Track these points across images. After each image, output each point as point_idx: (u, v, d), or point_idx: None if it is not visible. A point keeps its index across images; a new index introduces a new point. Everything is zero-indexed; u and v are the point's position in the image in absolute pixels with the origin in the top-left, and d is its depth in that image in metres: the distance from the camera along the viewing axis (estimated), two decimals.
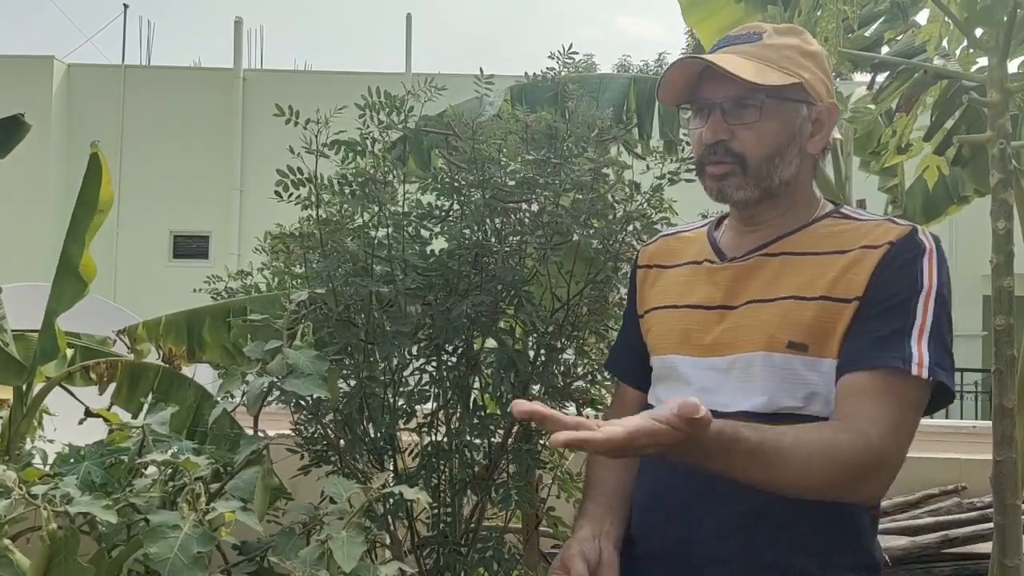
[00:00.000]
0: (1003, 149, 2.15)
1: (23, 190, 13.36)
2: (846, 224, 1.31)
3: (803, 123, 1.31)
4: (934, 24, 2.39)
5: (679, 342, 1.35)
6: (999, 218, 2.15)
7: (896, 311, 1.20)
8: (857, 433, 1.14)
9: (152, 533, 1.47)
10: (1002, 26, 2.18)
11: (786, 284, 1.26)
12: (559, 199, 2.10)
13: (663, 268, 1.46)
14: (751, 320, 1.27)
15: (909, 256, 1.22)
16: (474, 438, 2.15)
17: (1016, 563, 2.14)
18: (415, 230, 2.17)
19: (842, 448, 1.13)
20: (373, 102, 2.13)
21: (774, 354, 1.23)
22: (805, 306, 1.23)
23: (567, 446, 0.96)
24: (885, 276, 1.21)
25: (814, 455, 1.12)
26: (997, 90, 2.19)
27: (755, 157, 1.29)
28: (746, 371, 1.26)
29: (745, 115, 1.28)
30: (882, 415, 1.16)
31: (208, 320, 2.67)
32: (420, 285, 2.09)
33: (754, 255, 1.33)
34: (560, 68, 2.36)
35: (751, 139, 1.29)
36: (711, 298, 1.33)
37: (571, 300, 2.14)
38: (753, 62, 1.27)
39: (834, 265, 1.25)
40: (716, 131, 1.29)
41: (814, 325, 1.22)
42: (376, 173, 2.12)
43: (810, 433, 1.14)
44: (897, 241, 1.23)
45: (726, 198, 1.33)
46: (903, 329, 1.19)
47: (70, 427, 2.52)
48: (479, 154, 2.05)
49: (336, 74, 14.24)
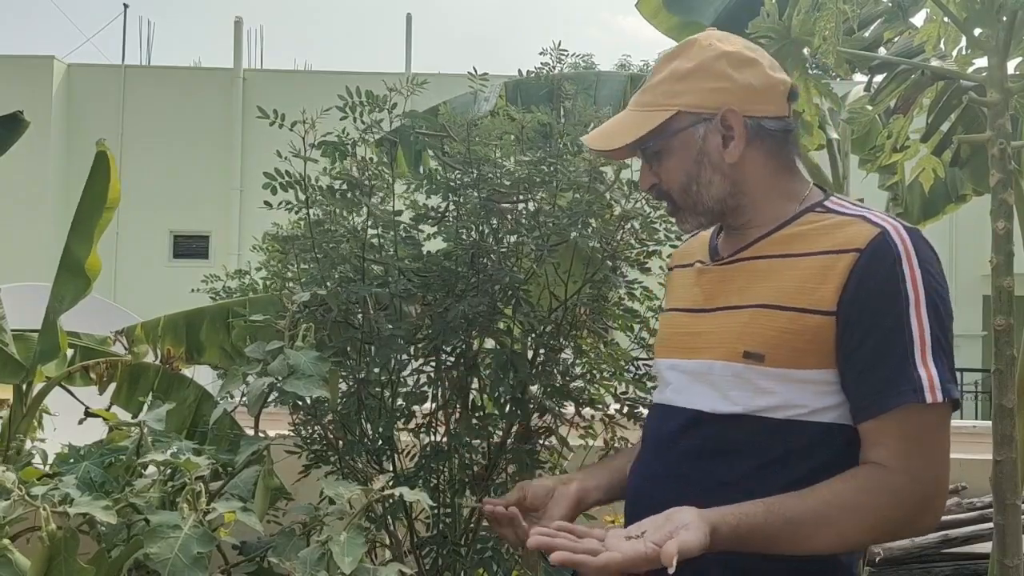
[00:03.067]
0: (1003, 149, 2.15)
1: (23, 190, 13.38)
2: (824, 220, 1.27)
3: (703, 142, 1.30)
4: (932, 24, 2.39)
5: (665, 345, 1.39)
6: (999, 218, 2.15)
7: (890, 335, 1.16)
8: (893, 479, 1.14)
9: (152, 533, 1.47)
10: (1002, 26, 2.18)
11: (757, 291, 1.25)
12: (556, 199, 2.10)
13: (677, 268, 1.49)
14: (719, 327, 1.28)
15: (885, 266, 1.17)
16: (473, 439, 2.15)
17: (1016, 563, 2.14)
18: (406, 231, 2.16)
19: (882, 501, 1.13)
20: (354, 102, 2.12)
21: (731, 363, 1.23)
22: (770, 315, 1.22)
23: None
24: (863, 293, 1.17)
25: (854, 515, 1.12)
26: (996, 90, 2.19)
27: (676, 192, 1.34)
28: (707, 377, 1.26)
29: (659, 159, 1.33)
30: (910, 452, 1.15)
31: (207, 321, 2.67)
32: (417, 286, 2.08)
33: (737, 257, 1.32)
34: (553, 63, 2.36)
35: (666, 177, 1.34)
36: (696, 301, 1.35)
37: (569, 300, 2.14)
38: (634, 115, 1.33)
39: (801, 269, 1.22)
40: (644, 179, 1.37)
41: (775, 335, 1.20)
42: (362, 175, 2.11)
43: (842, 494, 1.14)
44: (866, 248, 1.18)
45: (686, 230, 1.41)
46: (904, 354, 1.15)
47: (70, 427, 2.52)
48: (474, 154, 2.05)
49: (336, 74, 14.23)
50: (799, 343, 1.19)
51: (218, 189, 14.45)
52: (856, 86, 3.66)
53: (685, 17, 3.44)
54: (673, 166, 1.32)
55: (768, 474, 1.20)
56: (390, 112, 2.14)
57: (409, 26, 15.87)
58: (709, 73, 1.30)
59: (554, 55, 2.34)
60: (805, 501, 1.13)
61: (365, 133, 2.14)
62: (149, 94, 14.58)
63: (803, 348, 1.19)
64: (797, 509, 1.13)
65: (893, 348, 1.16)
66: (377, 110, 2.13)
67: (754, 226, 1.31)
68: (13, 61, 14.18)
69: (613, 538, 1.05)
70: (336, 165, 2.15)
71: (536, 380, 2.16)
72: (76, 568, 1.54)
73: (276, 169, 2.12)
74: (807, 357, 1.19)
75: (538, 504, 1.39)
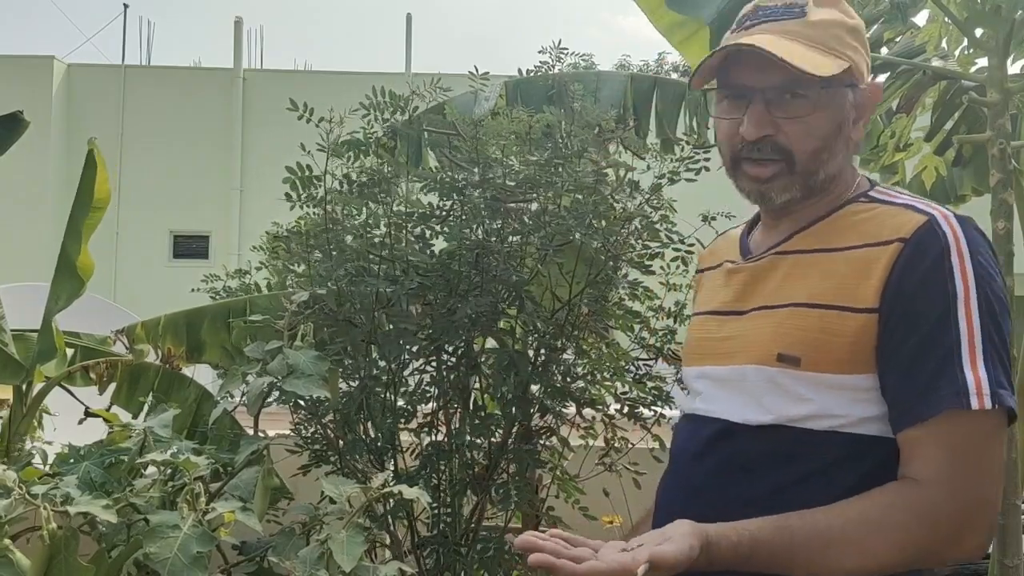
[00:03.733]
0: (1003, 149, 2.15)
1: (23, 190, 13.38)
2: (868, 211, 1.15)
3: (849, 110, 1.15)
4: (934, 25, 2.39)
5: (693, 352, 1.28)
6: (999, 218, 2.15)
7: (933, 333, 1.03)
8: (928, 495, 1.02)
9: (152, 533, 1.47)
10: (1002, 26, 2.18)
11: (793, 288, 1.14)
12: (560, 199, 2.09)
13: (704, 271, 1.38)
14: (752, 329, 1.17)
15: (932, 258, 1.05)
16: (474, 438, 2.15)
17: (1016, 563, 2.14)
18: (420, 231, 2.17)
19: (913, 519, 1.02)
20: (377, 102, 2.13)
21: (765, 367, 1.13)
22: (807, 315, 1.11)
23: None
24: (906, 287, 1.05)
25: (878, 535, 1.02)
26: (997, 90, 2.19)
27: (803, 153, 1.14)
28: (740, 384, 1.16)
29: (793, 107, 1.13)
30: (951, 465, 1.02)
31: (207, 321, 2.67)
32: (423, 285, 2.09)
33: (769, 254, 1.20)
34: (552, 62, 2.36)
35: (799, 133, 1.13)
36: (726, 303, 1.23)
37: (572, 300, 2.14)
38: (800, 44, 1.11)
39: (841, 264, 1.11)
40: (761, 125, 1.13)
41: (813, 336, 1.10)
42: (383, 171, 2.13)
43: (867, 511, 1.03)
44: (911, 238, 1.06)
45: (768, 201, 1.18)
46: (949, 354, 1.02)
47: (70, 427, 2.52)
48: (481, 154, 2.05)
49: (336, 74, 14.25)
50: (838, 345, 1.08)
51: (218, 189, 14.44)
52: None
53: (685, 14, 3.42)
54: (816, 124, 1.13)
55: (804, 489, 1.10)
56: (410, 112, 2.15)
57: (409, 26, 15.87)
58: (865, 41, 1.17)
59: (554, 54, 2.34)
60: (823, 518, 1.03)
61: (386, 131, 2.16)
62: (149, 94, 14.58)
63: (842, 350, 1.08)
64: (812, 526, 1.03)
65: (936, 348, 1.04)
66: (400, 112, 2.14)
67: (796, 218, 1.19)
68: (13, 61, 14.18)
69: (608, 549, 0.98)
70: (357, 162, 2.16)
71: (537, 380, 2.16)
72: (76, 567, 1.54)
73: (298, 163, 2.12)
74: (846, 360, 1.08)
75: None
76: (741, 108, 1.15)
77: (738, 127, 1.15)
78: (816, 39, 1.13)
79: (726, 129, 1.18)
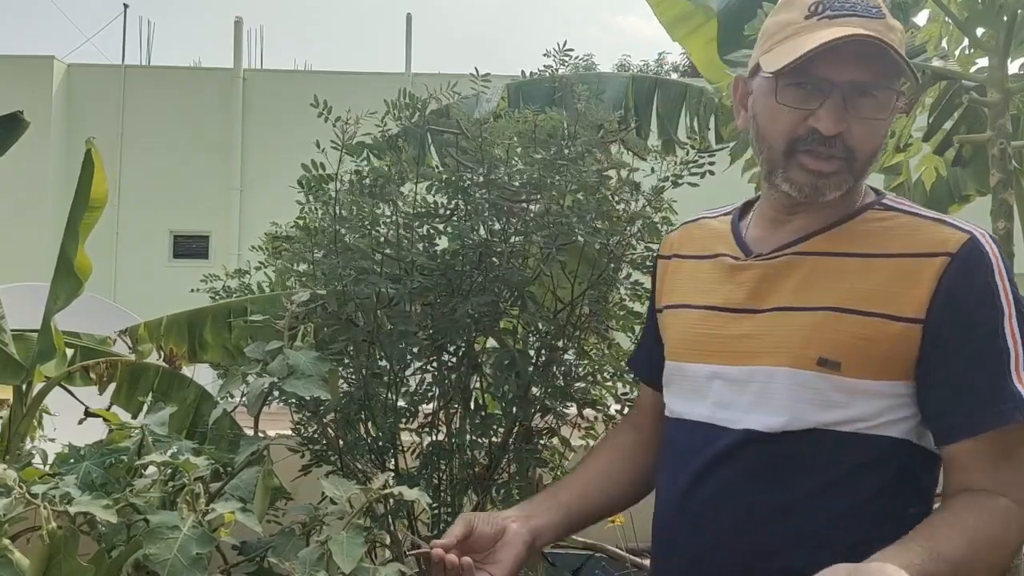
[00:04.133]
0: (1003, 149, 2.15)
1: (23, 190, 13.38)
2: (890, 219, 1.16)
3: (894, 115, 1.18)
4: (934, 25, 2.39)
5: (695, 348, 1.24)
6: (999, 218, 2.15)
7: (987, 348, 1.06)
8: (1012, 509, 1.05)
9: (151, 534, 1.47)
10: (1002, 26, 2.18)
11: (822, 291, 1.13)
12: (563, 199, 2.09)
13: (683, 258, 1.33)
14: (778, 329, 1.14)
15: (981, 274, 1.08)
16: (475, 438, 2.15)
17: (1016, 563, 2.14)
18: (426, 230, 2.16)
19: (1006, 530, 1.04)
20: (398, 102, 2.13)
21: (801, 371, 1.11)
22: (844, 319, 1.10)
23: None
24: (959, 302, 1.07)
25: (994, 550, 1.03)
26: (997, 90, 2.19)
27: (864, 154, 1.14)
28: (766, 386, 1.14)
29: (866, 107, 1.12)
30: (1015, 476, 1.06)
31: (209, 320, 2.67)
32: (426, 285, 2.09)
33: (785, 252, 1.18)
34: (557, 65, 2.36)
35: (866, 134, 1.13)
36: (732, 300, 1.21)
37: (573, 301, 2.14)
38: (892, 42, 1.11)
39: (878, 271, 1.11)
40: (839, 121, 1.11)
41: (852, 342, 1.09)
42: (392, 172, 2.12)
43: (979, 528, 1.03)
44: (958, 252, 1.08)
45: (819, 196, 1.15)
46: (1002, 369, 1.05)
47: (70, 427, 2.52)
48: (486, 154, 2.05)
49: (336, 74, 14.27)
50: (877, 351, 1.09)
51: (218, 189, 14.45)
52: None
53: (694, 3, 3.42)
54: (878, 126, 1.14)
55: (832, 494, 1.11)
56: (424, 113, 2.14)
57: (409, 26, 15.87)
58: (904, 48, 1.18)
59: (558, 57, 2.33)
60: (955, 539, 1.01)
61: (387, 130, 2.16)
62: (149, 94, 14.59)
63: (881, 357, 1.09)
64: (955, 549, 1.00)
65: (989, 362, 1.06)
66: (417, 113, 2.14)
67: (811, 218, 1.19)
68: (13, 61, 14.18)
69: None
70: (364, 160, 2.16)
71: (538, 381, 2.16)
72: (76, 568, 1.53)
73: (312, 161, 2.12)
74: (884, 367, 1.09)
75: (484, 544, 1.21)
76: (815, 100, 1.12)
77: (806, 118, 1.13)
78: (896, 43, 1.12)
79: (789, 118, 1.14)
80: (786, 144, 1.15)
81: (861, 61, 1.10)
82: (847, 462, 1.11)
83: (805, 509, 1.10)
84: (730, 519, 1.14)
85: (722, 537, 1.15)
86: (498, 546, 1.21)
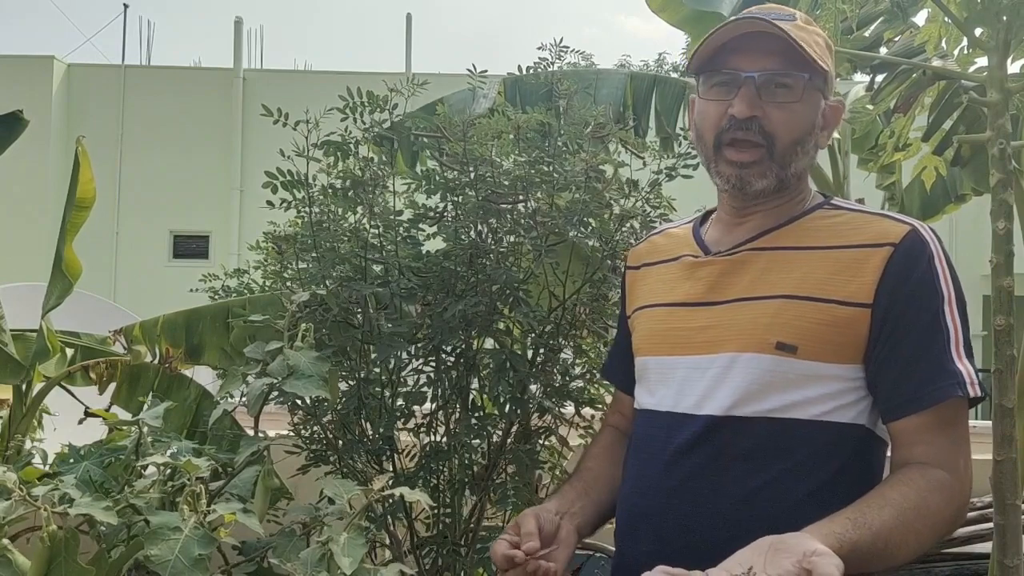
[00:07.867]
0: (1003, 149, 2.15)
1: (23, 190, 13.37)
2: (838, 216, 1.24)
3: (819, 115, 1.25)
4: (933, 24, 2.39)
5: (661, 341, 1.30)
6: (999, 218, 2.15)
7: (930, 330, 1.14)
8: (946, 479, 1.11)
9: (152, 535, 1.47)
10: (1002, 26, 2.18)
11: (776, 281, 1.20)
12: (553, 198, 2.09)
13: (650, 266, 1.40)
14: (738, 318, 1.21)
15: (923, 262, 1.16)
16: (473, 438, 2.15)
17: (1016, 563, 2.14)
18: (407, 231, 2.16)
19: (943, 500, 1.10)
20: (355, 103, 2.12)
21: (761, 355, 1.17)
22: (800, 306, 1.17)
23: None
24: (901, 286, 1.15)
25: (926, 519, 1.08)
26: (997, 90, 2.18)
27: (784, 140, 1.22)
28: (726, 371, 1.19)
29: (781, 94, 1.21)
30: (955, 449, 1.13)
31: (207, 321, 2.67)
32: (416, 286, 2.08)
33: (743, 249, 1.26)
34: (552, 60, 2.36)
35: (783, 120, 1.21)
36: (694, 294, 1.27)
37: (568, 299, 2.14)
38: (802, 39, 1.21)
39: (828, 261, 1.19)
40: (751, 105, 1.20)
41: (808, 326, 1.16)
42: (364, 175, 2.11)
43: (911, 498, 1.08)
44: (901, 243, 1.16)
45: (745, 187, 1.24)
46: (944, 349, 1.14)
47: (70, 427, 2.52)
48: (471, 154, 2.05)
49: (336, 74, 14.22)
50: (831, 335, 1.16)
51: (218, 189, 14.43)
52: (857, 86, 3.66)
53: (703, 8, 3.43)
54: (800, 114, 1.22)
55: (793, 479, 1.15)
56: (391, 112, 2.14)
57: (409, 26, 15.85)
58: (833, 61, 1.27)
59: (554, 51, 2.33)
60: (884, 510, 1.06)
61: (366, 132, 2.14)
62: (149, 94, 14.56)
63: (835, 341, 1.16)
64: (881, 519, 1.05)
65: (934, 343, 1.14)
66: (378, 111, 2.13)
67: (764, 217, 1.27)
68: (13, 61, 14.16)
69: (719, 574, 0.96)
70: (338, 165, 2.15)
71: (536, 380, 2.16)
72: (76, 568, 1.54)
73: (278, 168, 2.11)
74: (837, 350, 1.16)
75: (547, 543, 1.23)
76: (731, 92, 1.22)
77: (726, 109, 1.23)
78: (806, 40, 1.21)
79: (712, 113, 1.25)
80: (713, 137, 1.25)
81: (772, 55, 1.20)
82: (806, 448, 1.16)
83: (769, 495, 1.15)
84: (697, 506, 1.18)
85: (690, 523, 1.19)
86: (558, 548, 1.24)
